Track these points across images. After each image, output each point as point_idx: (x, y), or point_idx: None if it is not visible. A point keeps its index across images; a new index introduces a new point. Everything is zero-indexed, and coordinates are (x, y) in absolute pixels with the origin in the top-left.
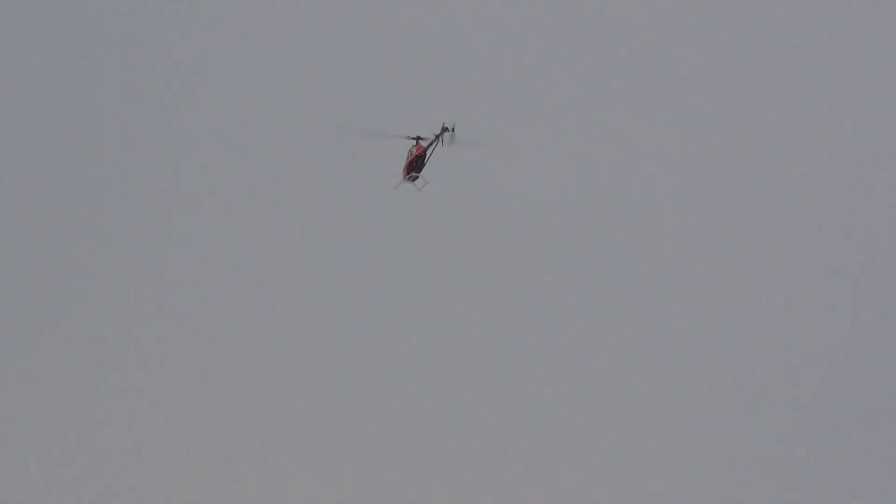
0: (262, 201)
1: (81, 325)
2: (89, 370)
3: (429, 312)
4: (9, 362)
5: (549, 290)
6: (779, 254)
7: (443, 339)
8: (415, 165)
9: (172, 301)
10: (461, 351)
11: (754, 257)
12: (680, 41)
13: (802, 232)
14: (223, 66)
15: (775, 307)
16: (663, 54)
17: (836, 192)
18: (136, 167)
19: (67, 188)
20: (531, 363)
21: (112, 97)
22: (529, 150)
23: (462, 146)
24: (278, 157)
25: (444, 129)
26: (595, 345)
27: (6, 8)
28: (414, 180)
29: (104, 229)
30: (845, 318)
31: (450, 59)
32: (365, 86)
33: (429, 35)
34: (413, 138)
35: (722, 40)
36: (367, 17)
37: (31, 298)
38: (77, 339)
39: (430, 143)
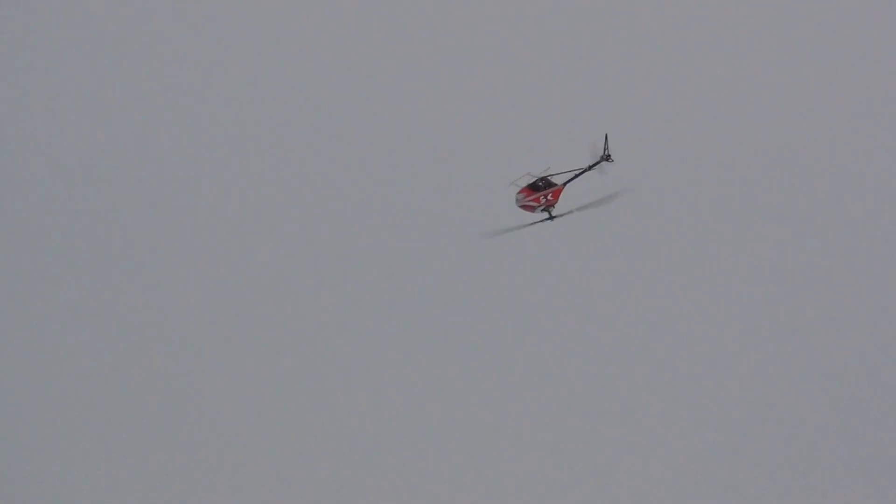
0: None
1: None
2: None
3: (432, 309)
4: (7, 360)
5: (551, 290)
6: (782, 254)
7: (446, 334)
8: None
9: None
10: (463, 348)
11: (758, 260)
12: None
13: (806, 230)
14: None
15: (779, 307)
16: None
17: (842, 191)
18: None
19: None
20: (531, 362)
21: (113, 96)
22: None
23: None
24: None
25: (605, 157)
26: (599, 343)
27: (7, 8)
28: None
29: (107, 225)
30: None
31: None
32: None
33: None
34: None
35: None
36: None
37: (29, 294)
38: (80, 334)
39: (576, 173)
